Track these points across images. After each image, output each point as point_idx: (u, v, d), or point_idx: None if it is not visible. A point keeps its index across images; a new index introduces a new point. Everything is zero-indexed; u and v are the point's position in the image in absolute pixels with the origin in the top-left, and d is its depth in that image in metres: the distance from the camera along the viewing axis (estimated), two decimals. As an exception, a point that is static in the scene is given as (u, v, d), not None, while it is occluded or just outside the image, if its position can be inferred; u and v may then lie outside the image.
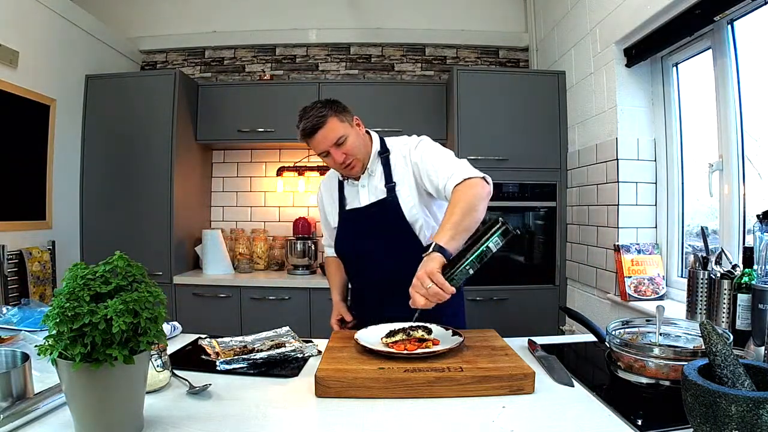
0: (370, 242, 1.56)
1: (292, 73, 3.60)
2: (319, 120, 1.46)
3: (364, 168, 1.57)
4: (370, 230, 1.56)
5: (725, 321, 1.42)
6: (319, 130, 1.46)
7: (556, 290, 2.90)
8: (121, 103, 2.97)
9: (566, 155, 2.88)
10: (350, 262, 1.67)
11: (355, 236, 1.60)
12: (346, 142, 1.49)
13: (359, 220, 1.59)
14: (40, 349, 0.78)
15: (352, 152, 1.51)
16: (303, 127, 1.49)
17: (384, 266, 1.55)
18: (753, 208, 1.79)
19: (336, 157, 1.49)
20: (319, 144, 1.49)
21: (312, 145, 1.52)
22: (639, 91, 2.33)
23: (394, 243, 1.54)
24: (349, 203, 1.62)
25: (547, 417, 0.93)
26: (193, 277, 3.00)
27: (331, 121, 1.47)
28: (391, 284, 1.49)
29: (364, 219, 1.58)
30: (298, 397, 1.03)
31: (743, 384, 0.77)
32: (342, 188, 1.65)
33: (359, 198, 1.59)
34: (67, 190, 2.90)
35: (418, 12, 3.55)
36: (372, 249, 1.56)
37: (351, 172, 1.55)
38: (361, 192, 1.59)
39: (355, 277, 1.69)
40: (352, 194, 1.62)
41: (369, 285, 1.63)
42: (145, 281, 0.86)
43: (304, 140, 1.52)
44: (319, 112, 1.47)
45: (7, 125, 2.48)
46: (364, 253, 1.58)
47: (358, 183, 1.60)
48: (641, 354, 1.03)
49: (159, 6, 3.61)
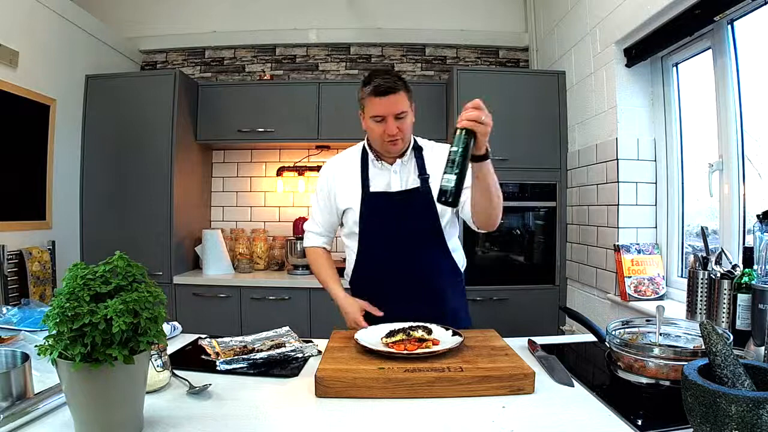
0: (397, 228, 1.56)
1: (292, 73, 3.60)
2: (395, 85, 1.48)
3: (402, 150, 1.58)
4: (398, 216, 1.56)
5: (725, 321, 1.42)
6: (391, 94, 1.47)
7: (556, 290, 2.89)
8: (121, 103, 2.97)
9: (566, 155, 2.88)
10: (372, 245, 1.61)
11: (382, 219, 1.57)
12: (405, 119, 1.52)
13: (387, 206, 1.57)
14: (40, 349, 0.78)
15: (404, 130, 1.52)
16: (378, 84, 1.47)
17: (406, 254, 1.55)
18: (753, 208, 1.79)
19: (390, 126, 1.49)
20: (385, 106, 1.48)
21: (376, 104, 1.49)
22: (639, 91, 2.33)
23: (419, 232, 1.56)
24: (374, 185, 1.59)
25: (547, 417, 0.93)
26: (193, 277, 3.00)
27: (402, 93, 1.50)
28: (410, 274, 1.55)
29: (393, 204, 1.57)
30: (298, 397, 1.03)
31: (743, 384, 0.77)
32: (366, 169, 1.62)
33: (390, 182, 1.58)
34: (67, 190, 2.90)
35: (418, 12, 3.55)
36: (398, 234, 1.55)
37: (393, 148, 1.54)
38: (393, 177, 1.59)
39: (369, 263, 1.62)
40: (379, 177, 1.60)
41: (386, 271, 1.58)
42: (145, 281, 0.86)
43: (371, 96, 1.49)
44: (395, 80, 1.49)
45: (7, 125, 2.48)
46: (390, 237, 1.56)
47: (390, 167, 1.59)
48: (641, 354, 1.03)
49: (159, 6, 3.61)
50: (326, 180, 1.68)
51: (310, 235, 1.75)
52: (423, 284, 1.57)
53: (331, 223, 1.70)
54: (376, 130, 1.52)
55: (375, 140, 1.56)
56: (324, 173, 1.70)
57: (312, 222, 1.74)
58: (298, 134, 3.14)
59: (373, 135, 1.55)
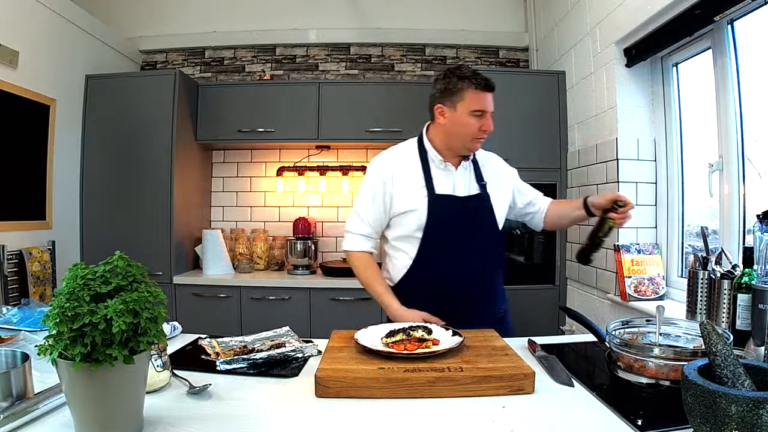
0: (462, 233, 1.53)
1: (292, 73, 3.60)
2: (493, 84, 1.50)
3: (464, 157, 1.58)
4: (464, 221, 1.53)
5: (725, 321, 1.42)
6: (491, 91, 1.49)
7: (556, 290, 2.89)
8: (121, 103, 2.97)
9: (566, 155, 2.88)
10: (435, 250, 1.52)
11: (449, 223, 1.52)
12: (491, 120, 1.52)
13: (455, 210, 1.53)
14: (40, 349, 0.78)
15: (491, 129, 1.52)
16: (484, 78, 1.48)
17: (469, 260, 1.54)
18: (753, 208, 1.79)
19: (488, 122, 1.49)
20: (488, 102, 1.49)
21: (480, 98, 1.48)
22: (639, 91, 2.33)
23: (483, 239, 1.56)
24: (438, 187, 1.54)
25: (547, 417, 0.93)
26: (193, 277, 3.00)
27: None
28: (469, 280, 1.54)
29: (461, 209, 1.54)
30: (298, 397, 1.03)
31: (743, 384, 0.77)
32: (428, 170, 1.56)
33: (454, 186, 1.55)
34: (67, 190, 2.90)
35: (418, 12, 3.55)
36: (462, 240, 1.53)
37: (478, 145, 1.54)
38: (457, 180, 1.55)
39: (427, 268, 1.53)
40: (443, 179, 1.55)
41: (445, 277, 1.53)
42: (145, 281, 0.86)
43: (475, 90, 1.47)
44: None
45: (7, 125, 2.48)
46: (455, 242, 1.52)
47: (454, 170, 1.56)
48: (641, 354, 1.03)
49: (159, 6, 3.61)
50: (382, 179, 1.56)
51: (356, 237, 1.61)
52: (480, 290, 1.57)
53: (381, 224, 1.60)
54: (472, 124, 1.48)
55: (464, 136, 1.50)
56: (378, 170, 1.58)
57: (359, 222, 1.61)
58: (298, 134, 3.14)
59: (464, 130, 1.49)
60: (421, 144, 1.61)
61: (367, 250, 1.62)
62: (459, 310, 1.49)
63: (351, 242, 1.63)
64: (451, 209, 1.53)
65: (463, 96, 1.47)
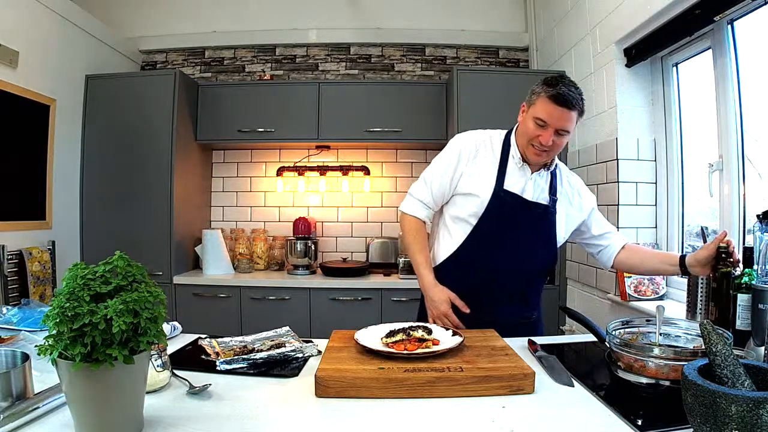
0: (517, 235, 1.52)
1: (292, 73, 3.61)
2: (574, 103, 1.41)
3: (544, 165, 1.55)
4: (522, 224, 1.52)
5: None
6: (566, 108, 1.40)
7: (556, 290, 2.89)
8: (121, 103, 2.97)
9: (566, 155, 2.88)
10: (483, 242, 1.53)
11: (507, 221, 1.51)
12: (562, 138, 1.46)
13: (516, 210, 1.51)
14: (40, 349, 0.78)
15: (557, 147, 1.48)
16: (560, 92, 1.39)
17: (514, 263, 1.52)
18: (753, 208, 1.79)
19: (546, 137, 1.42)
20: (554, 116, 1.41)
21: (547, 109, 1.42)
22: (639, 91, 2.33)
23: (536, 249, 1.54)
24: (508, 183, 1.52)
25: (547, 417, 0.93)
26: (193, 277, 3.00)
27: (574, 114, 1.43)
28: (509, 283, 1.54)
29: (523, 211, 1.52)
30: (298, 397, 1.03)
31: (743, 384, 0.77)
32: (505, 163, 1.54)
33: (524, 188, 1.53)
34: (67, 190, 2.90)
35: (418, 12, 3.55)
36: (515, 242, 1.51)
37: (535, 157, 1.49)
38: (529, 184, 1.54)
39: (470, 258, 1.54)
40: (515, 177, 1.53)
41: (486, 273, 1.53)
42: (145, 281, 0.86)
43: (547, 99, 1.41)
44: (578, 98, 1.42)
45: (7, 125, 2.48)
46: (506, 241, 1.51)
47: (530, 173, 1.54)
48: (641, 354, 1.03)
49: (159, 6, 3.61)
50: (459, 154, 1.56)
51: (415, 202, 1.61)
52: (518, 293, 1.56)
53: (444, 196, 1.58)
54: (531, 131, 1.45)
55: (522, 138, 1.49)
56: (460, 146, 1.57)
57: (423, 188, 1.60)
58: (298, 134, 3.14)
59: (524, 132, 1.48)
60: (508, 138, 1.58)
61: (421, 217, 1.61)
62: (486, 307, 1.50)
63: (409, 205, 1.63)
64: (513, 208, 1.51)
65: (535, 100, 1.45)
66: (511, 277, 1.54)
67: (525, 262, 1.54)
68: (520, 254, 1.53)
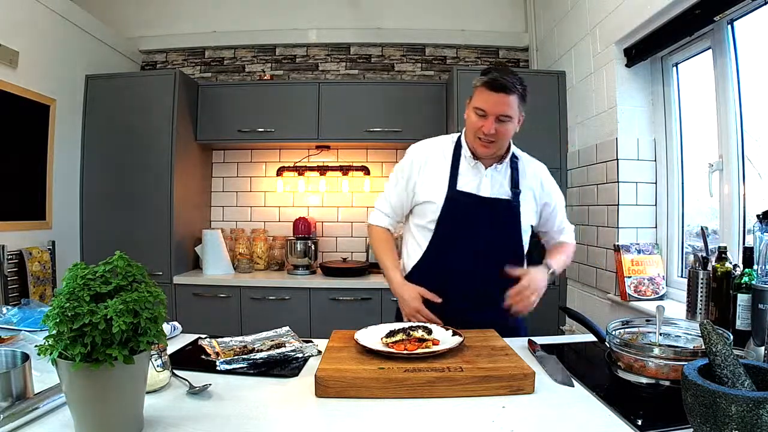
0: (477, 235, 1.50)
1: (292, 73, 3.61)
2: (510, 86, 1.40)
3: (492, 155, 1.51)
4: (481, 223, 1.50)
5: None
6: (503, 93, 1.40)
7: (556, 290, 2.89)
8: (121, 103, 2.97)
9: (566, 155, 2.88)
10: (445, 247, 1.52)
11: (464, 222, 1.50)
12: (506, 124, 1.44)
13: (473, 210, 1.50)
14: (40, 349, 0.78)
15: (502, 135, 1.45)
16: (494, 78, 1.40)
17: (480, 265, 1.50)
18: (753, 208, 1.79)
19: (488, 126, 1.41)
20: (491, 103, 1.41)
21: (484, 97, 1.42)
22: (639, 91, 2.33)
23: (500, 247, 1.52)
24: (461, 184, 1.51)
25: (547, 417, 0.93)
26: (193, 277, 3.00)
27: (513, 99, 1.42)
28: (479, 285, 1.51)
29: (480, 209, 1.50)
30: (298, 397, 1.03)
31: (743, 384, 0.77)
32: (457, 164, 1.53)
33: (480, 185, 1.51)
34: (67, 190, 2.90)
35: (418, 12, 3.55)
36: (476, 242, 1.50)
37: (482, 149, 1.47)
38: (484, 180, 1.51)
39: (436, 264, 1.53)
40: (469, 176, 1.52)
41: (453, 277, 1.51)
42: (145, 281, 0.86)
43: (482, 87, 1.42)
44: (515, 82, 1.41)
45: (7, 125, 2.48)
46: (468, 243, 1.50)
47: (483, 169, 1.52)
48: (641, 354, 1.03)
49: (159, 6, 3.61)
50: (411, 164, 1.58)
51: (378, 213, 1.67)
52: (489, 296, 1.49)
53: (402, 209, 1.62)
54: (474, 122, 1.45)
55: (469, 133, 1.50)
56: (411, 156, 1.60)
57: (384, 201, 1.66)
58: (298, 134, 3.14)
59: (469, 127, 1.48)
60: (460, 139, 1.58)
61: (385, 225, 1.66)
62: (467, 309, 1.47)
63: (373, 216, 1.69)
64: (469, 207, 1.50)
65: (474, 91, 1.47)
66: (475, 278, 1.51)
67: (486, 261, 1.51)
68: (487, 253, 1.51)
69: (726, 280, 1.44)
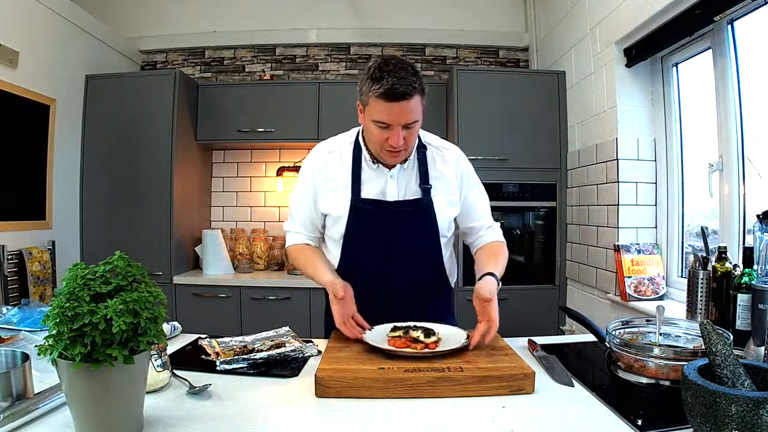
0: (389, 243, 1.37)
1: (292, 73, 3.60)
2: (410, 90, 1.19)
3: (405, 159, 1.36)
4: (391, 230, 1.36)
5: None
6: (404, 100, 1.19)
7: (556, 290, 2.89)
8: (121, 103, 2.97)
9: (566, 155, 2.88)
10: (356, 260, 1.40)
11: (372, 232, 1.37)
12: (414, 128, 1.26)
13: (379, 217, 1.36)
14: (40, 349, 0.78)
15: (411, 141, 1.29)
16: (390, 86, 1.18)
17: (397, 273, 1.39)
18: (753, 208, 1.79)
19: (395, 139, 1.23)
20: (395, 114, 1.21)
21: (383, 109, 1.22)
22: (639, 91, 2.33)
23: (415, 251, 1.39)
24: (366, 191, 1.37)
25: (547, 417, 0.93)
26: (193, 277, 3.00)
27: (417, 98, 1.22)
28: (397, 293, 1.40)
29: (387, 216, 1.36)
30: (298, 397, 1.03)
31: (743, 384, 0.77)
32: (358, 169, 1.38)
33: (386, 189, 1.37)
34: (67, 190, 2.90)
35: (418, 12, 3.55)
36: (389, 251, 1.37)
37: (391, 159, 1.32)
38: (389, 183, 1.36)
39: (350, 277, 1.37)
40: (373, 181, 1.37)
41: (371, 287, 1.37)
42: (145, 281, 0.86)
43: (378, 99, 1.21)
44: (412, 81, 1.20)
45: (7, 125, 2.48)
46: (380, 253, 1.38)
47: (387, 171, 1.36)
48: (641, 354, 1.03)
49: (159, 6, 3.61)
50: (311, 176, 1.43)
51: (291, 234, 1.51)
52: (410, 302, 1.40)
53: (314, 224, 1.47)
54: (377, 135, 1.26)
55: (372, 144, 1.33)
56: (309, 167, 1.44)
57: (292, 222, 1.50)
58: (298, 134, 3.14)
59: (371, 139, 1.30)
60: (358, 140, 1.42)
61: (301, 242, 1.49)
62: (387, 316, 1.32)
63: (288, 239, 1.53)
64: (376, 215, 1.35)
65: (368, 100, 1.24)
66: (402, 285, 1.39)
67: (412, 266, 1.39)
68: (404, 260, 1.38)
69: (726, 280, 1.44)
